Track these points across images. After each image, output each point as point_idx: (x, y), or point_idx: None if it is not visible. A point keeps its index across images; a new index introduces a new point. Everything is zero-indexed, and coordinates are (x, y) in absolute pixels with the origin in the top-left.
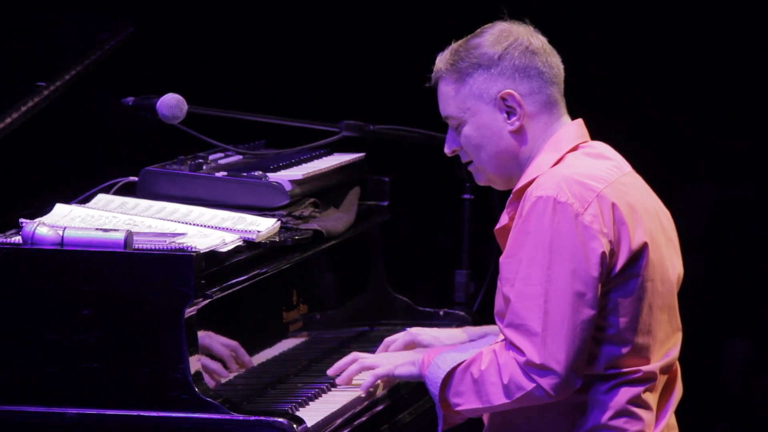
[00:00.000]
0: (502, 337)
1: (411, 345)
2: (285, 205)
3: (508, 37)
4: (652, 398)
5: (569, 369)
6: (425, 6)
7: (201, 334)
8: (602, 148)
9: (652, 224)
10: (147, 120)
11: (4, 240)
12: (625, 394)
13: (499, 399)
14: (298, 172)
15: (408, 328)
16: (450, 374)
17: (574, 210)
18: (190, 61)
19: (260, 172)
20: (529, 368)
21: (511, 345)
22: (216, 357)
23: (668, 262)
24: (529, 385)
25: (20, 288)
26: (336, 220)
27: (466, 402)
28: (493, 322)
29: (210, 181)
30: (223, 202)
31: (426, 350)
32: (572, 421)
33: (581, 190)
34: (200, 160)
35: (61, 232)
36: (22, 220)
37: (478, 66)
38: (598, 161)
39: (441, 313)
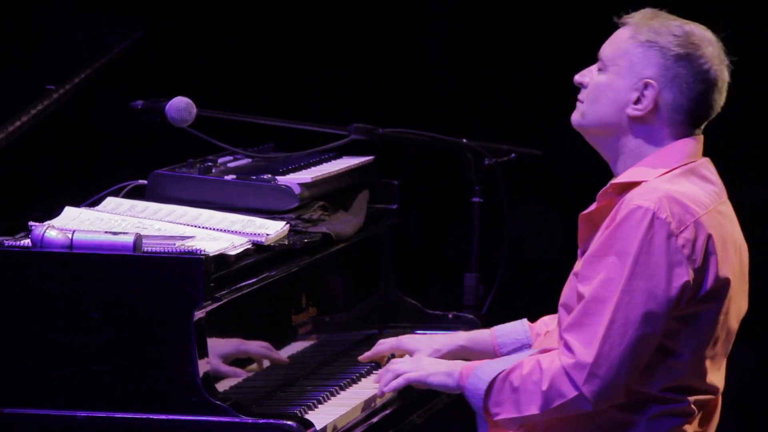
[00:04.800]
0: (535, 351)
1: (397, 350)
2: (294, 208)
3: (700, 52)
4: (691, 429)
5: (615, 380)
6: (433, 9)
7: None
8: (708, 170)
9: (735, 258)
10: (156, 123)
11: (14, 243)
12: (668, 422)
13: (535, 407)
14: (307, 175)
15: (416, 331)
16: (491, 384)
17: (670, 229)
18: (199, 65)
19: (269, 176)
20: (576, 370)
21: (564, 346)
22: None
23: (740, 298)
24: (571, 393)
25: (29, 291)
26: (345, 223)
27: (503, 411)
28: (499, 323)
29: (219, 185)
30: (232, 205)
31: (464, 362)
32: None
33: (681, 212)
34: (209, 164)
35: (70, 235)
36: (31, 223)
37: (658, 48)
38: (702, 184)
39: (450, 316)
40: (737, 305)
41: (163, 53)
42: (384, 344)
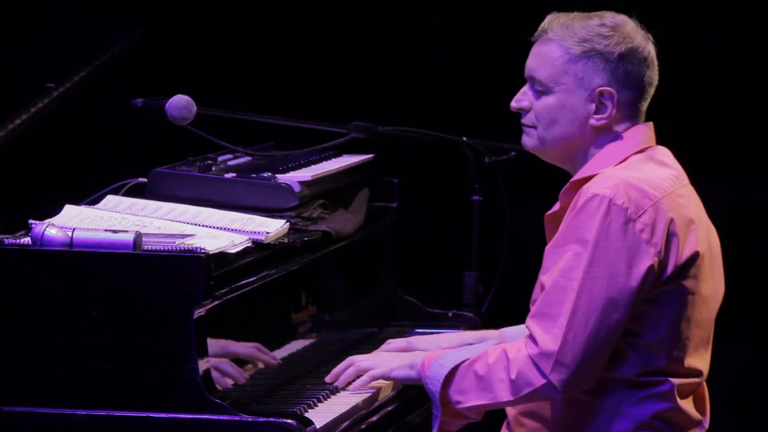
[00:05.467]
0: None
1: (407, 351)
2: (294, 207)
3: (632, 40)
4: (678, 415)
5: (582, 367)
6: (433, 7)
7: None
8: (665, 155)
9: (703, 238)
10: (156, 121)
11: (14, 241)
12: (651, 407)
13: (505, 395)
14: (307, 173)
15: (416, 330)
16: (453, 371)
17: (627, 215)
18: (199, 63)
19: (269, 174)
20: (542, 360)
21: (529, 336)
22: (242, 359)
23: (711, 278)
24: (539, 381)
25: (29, 289)
26: (345, 222)
27: (468, 399)
28: (501, 325)
29: (219, 183)
30: (232, 204)
31: (425, 353)
32: (595, 427)
33: (638, 196)
34: (209, 162)
35: (70, 233)
36: (31, 221)
37: (598, 54)
38: (660, 168)
39: (450, 314)
40: (709, 286)
41: (163, 51)
42: (392, 345)
